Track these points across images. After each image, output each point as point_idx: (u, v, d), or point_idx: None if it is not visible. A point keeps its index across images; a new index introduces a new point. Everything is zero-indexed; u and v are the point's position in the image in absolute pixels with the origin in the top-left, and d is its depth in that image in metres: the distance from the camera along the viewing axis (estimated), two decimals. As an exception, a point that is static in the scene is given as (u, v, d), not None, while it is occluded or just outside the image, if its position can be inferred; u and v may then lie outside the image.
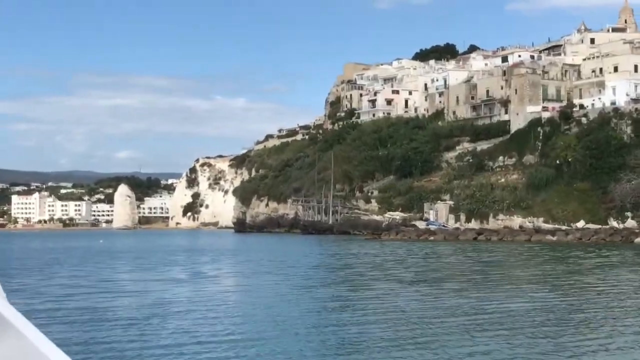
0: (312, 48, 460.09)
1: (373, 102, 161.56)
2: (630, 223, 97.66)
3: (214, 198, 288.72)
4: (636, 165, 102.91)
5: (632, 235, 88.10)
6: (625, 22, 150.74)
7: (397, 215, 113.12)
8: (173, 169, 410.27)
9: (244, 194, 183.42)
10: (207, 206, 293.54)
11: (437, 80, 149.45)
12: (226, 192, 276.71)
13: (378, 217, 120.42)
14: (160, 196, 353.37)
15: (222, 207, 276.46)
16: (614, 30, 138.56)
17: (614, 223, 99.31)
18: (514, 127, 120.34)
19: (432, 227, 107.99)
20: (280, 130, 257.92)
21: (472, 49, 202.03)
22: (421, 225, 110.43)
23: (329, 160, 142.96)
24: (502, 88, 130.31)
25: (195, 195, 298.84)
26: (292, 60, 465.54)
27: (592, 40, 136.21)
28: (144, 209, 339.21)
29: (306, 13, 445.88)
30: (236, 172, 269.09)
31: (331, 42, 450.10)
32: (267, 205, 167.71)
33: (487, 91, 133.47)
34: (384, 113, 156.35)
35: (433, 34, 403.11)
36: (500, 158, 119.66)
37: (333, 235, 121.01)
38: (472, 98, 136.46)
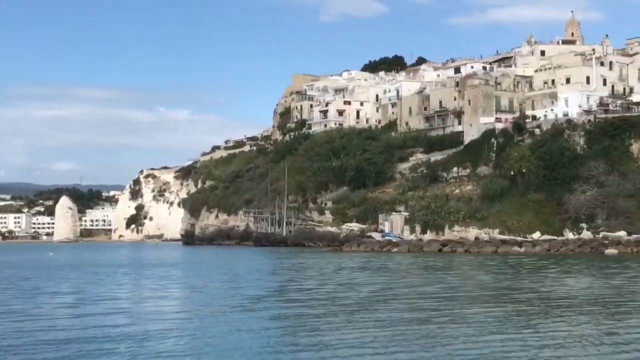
0: (256, 60, 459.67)
1: (325, 112, 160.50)
2: (586, 234, 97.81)
3: (158, 210, 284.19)
4: (590, 177, 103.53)
5: (601, 246, 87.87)
6: (572, 35, 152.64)
7: (355, 226, 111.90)
8: (115, 181, 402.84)
9: (193, 206, 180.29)
10: (151, 218, 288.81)
11: (389, 91, 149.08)
12: (171, 204, 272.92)
13: (333, 229, 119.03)
14: (103, 208, 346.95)
15: (167, 219, 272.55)
16: (564, 42, 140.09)
17: (569, 234, 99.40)
18: (467, 138, 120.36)
19: (387, 239, 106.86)
20: (227, 142, 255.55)
21: (421, 61, 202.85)
22: (377, 236, 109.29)
23: (281, 171, 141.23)
24: (455, 99, 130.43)
25: (139, 207, 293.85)
26: (236, 73, 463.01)
27: (543, 52, 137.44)
28: (85, 221, 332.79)
29: (250, 26, 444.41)
30: (182, 184, 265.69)
31: (276, 54, 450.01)
32: (217, 217, 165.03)
33: (440, 102, 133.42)
34: (335, 124, 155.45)
35: (379, 46, 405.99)
36: (455, 169, 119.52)
37: (287, 248, 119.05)
38: (425, 109, 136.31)
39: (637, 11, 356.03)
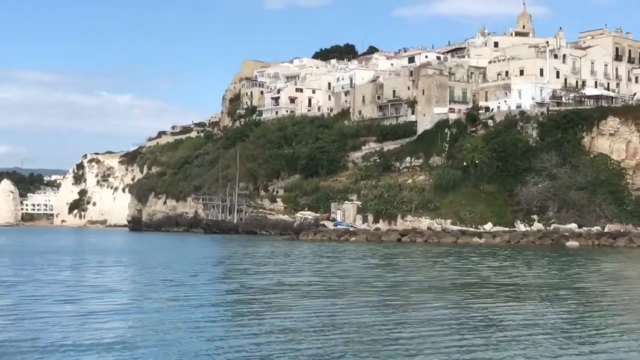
0: (202, 46, 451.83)
1: (276, 99, 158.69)
2: (537, 226, 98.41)
3: (102, 195, 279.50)
4: (542, 169, 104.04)
5: (562, 239, 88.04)
6: (524, 27, 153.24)
7: (309, 214, 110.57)
8: (57, 165, 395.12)
9: (140, 191, 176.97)
10: (94, 204, 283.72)
11: (342, 79, 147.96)
12: (116, 189, 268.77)
13: (285, 217, 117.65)
14: (44, 193, 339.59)
15: (111, 204, 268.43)
16: (517, 34, 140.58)
17: (520, 226, 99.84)
18: (420, 128, 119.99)
19: (341, 228, 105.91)
20: (173, 127, 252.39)
21: (372, 50, 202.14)
22: (329, 225, 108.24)
23: (231, 158, 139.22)
24: (409, 89, 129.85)
25: (82, 192, 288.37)
26: (181, 58, 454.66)
27: (496, 44, 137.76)
28: (27, 205, 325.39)
29: (195, 12, 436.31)
30: (127, 169, 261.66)
31: (223, 41, 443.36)
32: (165, 203, 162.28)
33: (394, 91, 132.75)
34: (287, 111, 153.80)
35: (328, 35, 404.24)
36: (408, 159, 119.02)
37: (238, 235, 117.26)
38: (379, 98, 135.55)
39: (582, 6, 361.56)
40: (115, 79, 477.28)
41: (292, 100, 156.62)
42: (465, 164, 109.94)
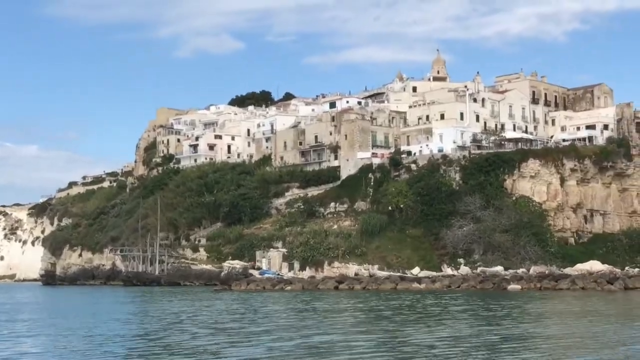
0: (110, 96, 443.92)
1: (195, 147, 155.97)
2: (464, 270, 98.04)
3: (10, 249, 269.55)
4: (466, 212, 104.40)
5: (503, 282, 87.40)
6: (438, 72, 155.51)
7: (237, 263, 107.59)
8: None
9: (54, 244, 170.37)
10: (2, 258, 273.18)
11: (263, 125, 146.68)
12: (24, 242, 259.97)
13: (208, 267, 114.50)
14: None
15: (20, 258, 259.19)
16: (435, 79, 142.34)
17: (447, 270, 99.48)
18: (344, 173, 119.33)
19: (266, 276, 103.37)
20: (84, 177, 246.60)
21: (289, 96, 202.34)
22: (255, 274, 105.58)
23: (150, 207, 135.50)
24: (331, 134, 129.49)
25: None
26: (85, 108, 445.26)
27: (414, 89, 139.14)
28: None
29: (103, 61, 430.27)
30: (36, 221, 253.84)
31: (132, 90, 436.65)
32: (80, 255, 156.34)
33: (316, 137, 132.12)
34: (206, 158, 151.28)
35: (241, 82, 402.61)
36: (332, 204, 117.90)
37: (160, 287, 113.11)
38: (300, 144, 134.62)
39: (492, 53, 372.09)
40: (19, 129, 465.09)
41: (211, 147, 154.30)
42: (390, 208, 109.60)
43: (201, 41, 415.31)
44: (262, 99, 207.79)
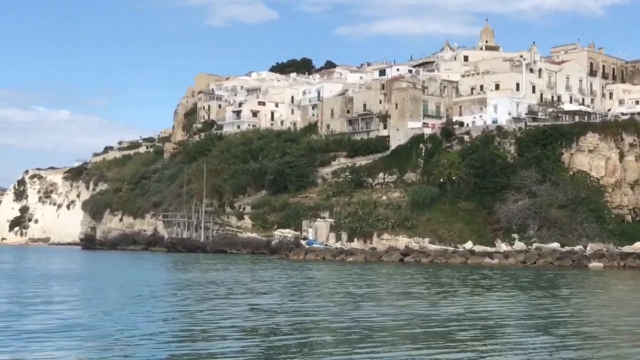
0: (143, 62, 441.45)
1: (238, 113, 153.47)
2: (519, 245, 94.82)
3: (44, 212, 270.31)
4: (522, 186, 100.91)
5: (583, 259, 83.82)
6: (487, 42, 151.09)
7: (289, 232, 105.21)
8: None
9: (94, 208, 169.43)
10: (36, 221, 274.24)
11: (309, 92, 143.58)
12: (59, 206, 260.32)
13: (254, 235, 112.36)
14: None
15: (54, 222, 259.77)
16: (488, 48, 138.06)
17: (502, 245, 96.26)
18: (393, 143, 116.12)
19: (314, 246, 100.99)
20: (120, 143, 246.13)
21: (330, 64, 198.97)
22: (302, 244, 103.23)
23: (193, 173, 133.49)
24: (380, 102, 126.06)
25: (24, 209, 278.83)
26: (117, 74, 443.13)
27: (466, 58, 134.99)
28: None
29: (135, 27, 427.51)
30: (71, 185, 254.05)
31: (166, 56, 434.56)
32: (121, 220, 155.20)
33: (364, 105, 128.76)
34: (249, 125, 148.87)
35: (277, 50, 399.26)
36: (380, 175, 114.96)
37: (205, 254, 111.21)
38: (348, 112, 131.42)
39: (521, 25, 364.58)
40: (51, 93, 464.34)
41: (254, 113, 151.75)
42: (441, 180, 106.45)
43: (234, 9, 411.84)
44: (302, 67, 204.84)
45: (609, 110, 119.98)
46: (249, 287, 46.18)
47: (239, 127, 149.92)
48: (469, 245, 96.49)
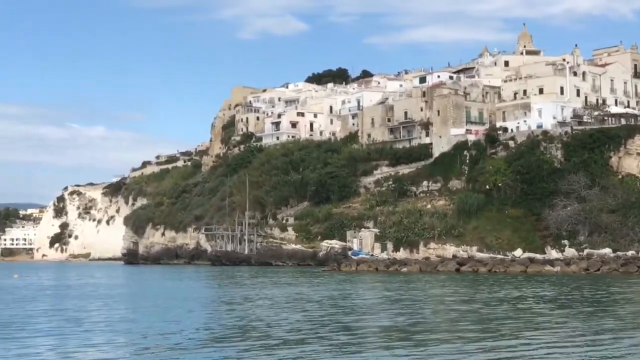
0: (173, 78, 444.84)
1: (277, 124, 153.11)
2: (570, 252, 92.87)
3: (84, 228, 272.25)
4: (570, 191, 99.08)
5: None
6: (525, 47, 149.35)
7: (336, 243, 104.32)
8: (28, 199, 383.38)
9: (136, 222, 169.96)
10: (76, 237, 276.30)
11: (348, 101, 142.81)
12: (99, 221, 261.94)
13: (298, 246, 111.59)
14: (23, 227, 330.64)
15: (94, 237, 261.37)
16: (528, 52, 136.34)
17: (552, 252, 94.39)
18: (436, 151, 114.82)
19: (360, 257, 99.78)
20: (158, 157, 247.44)
21: (366, 74, 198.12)
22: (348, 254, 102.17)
23: (234, 186, 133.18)
24: (421, 110, 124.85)
25: (64, 226, 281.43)
26: (151, 90, 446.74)
27: (506, 63, 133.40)
28: (5, 240, 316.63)
29: (166, 41, 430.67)
30: (111, 201, 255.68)
31: (195, 71, 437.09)
32: (163, 234, 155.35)
33: (405, 113, 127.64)
34: (289, 136, 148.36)
35: (311, 61, 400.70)
36: (424, 183, 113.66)
37: (249, 267, 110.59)
38: (389, 120, 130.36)
39: (553, 29, 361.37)
40: (85, 110, 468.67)
41: (294, 124, 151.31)
42: (487, 187, 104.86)
43: (265, 22, 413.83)
44: (339, 77, 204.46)
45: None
46: (355, 303, 41.89)
47: (278, 138, 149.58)
48: (518, 252, 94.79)
